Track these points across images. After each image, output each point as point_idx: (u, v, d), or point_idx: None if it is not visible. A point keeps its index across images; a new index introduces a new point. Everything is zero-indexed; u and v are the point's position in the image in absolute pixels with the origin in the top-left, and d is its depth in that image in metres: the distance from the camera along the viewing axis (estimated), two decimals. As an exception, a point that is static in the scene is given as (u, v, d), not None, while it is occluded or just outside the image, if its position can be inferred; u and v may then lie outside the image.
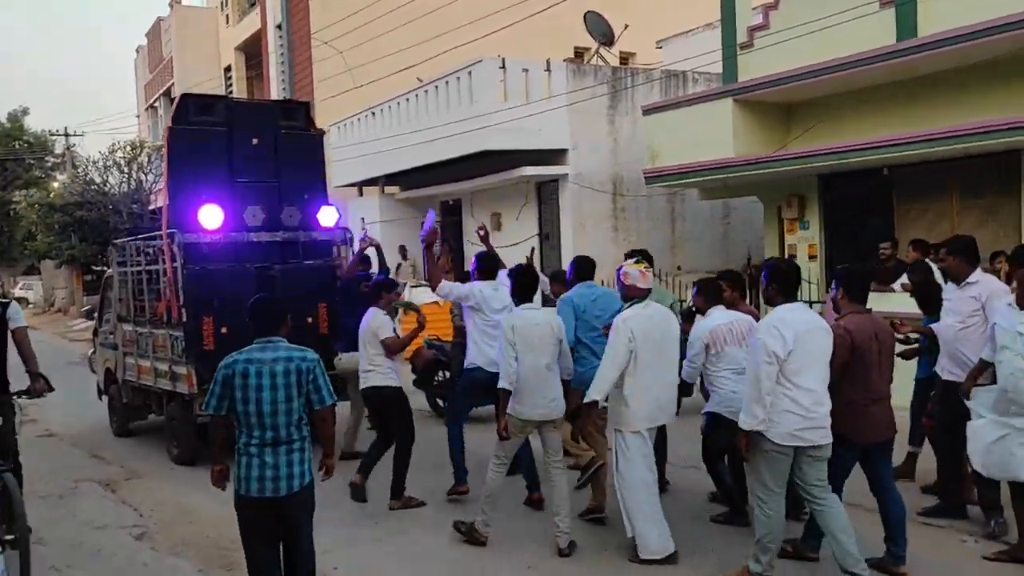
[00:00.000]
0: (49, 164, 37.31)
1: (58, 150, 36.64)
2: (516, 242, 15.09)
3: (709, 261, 14.52)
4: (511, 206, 15.38)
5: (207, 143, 7.92)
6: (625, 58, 20.14)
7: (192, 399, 7.44)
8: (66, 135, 34.62)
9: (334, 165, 19.16)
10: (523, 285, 5.61)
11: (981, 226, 9.76)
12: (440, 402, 9.42)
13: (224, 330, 7.45)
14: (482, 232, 7.48)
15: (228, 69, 28.19)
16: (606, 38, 16.18)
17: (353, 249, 8.40)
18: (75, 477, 7.74)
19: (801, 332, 4.42)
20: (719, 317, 5.53)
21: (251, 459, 3.98)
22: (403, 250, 17.31)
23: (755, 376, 4.44)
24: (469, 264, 7.06)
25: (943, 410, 5.63)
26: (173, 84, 29.36)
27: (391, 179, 18.04)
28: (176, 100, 8.30)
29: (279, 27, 23.00)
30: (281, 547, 4.12)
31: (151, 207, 23.61)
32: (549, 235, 14.94)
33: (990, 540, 5.26)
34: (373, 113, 17.23)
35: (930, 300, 6.10)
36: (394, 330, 6.56)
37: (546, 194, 14.92)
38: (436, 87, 15.00)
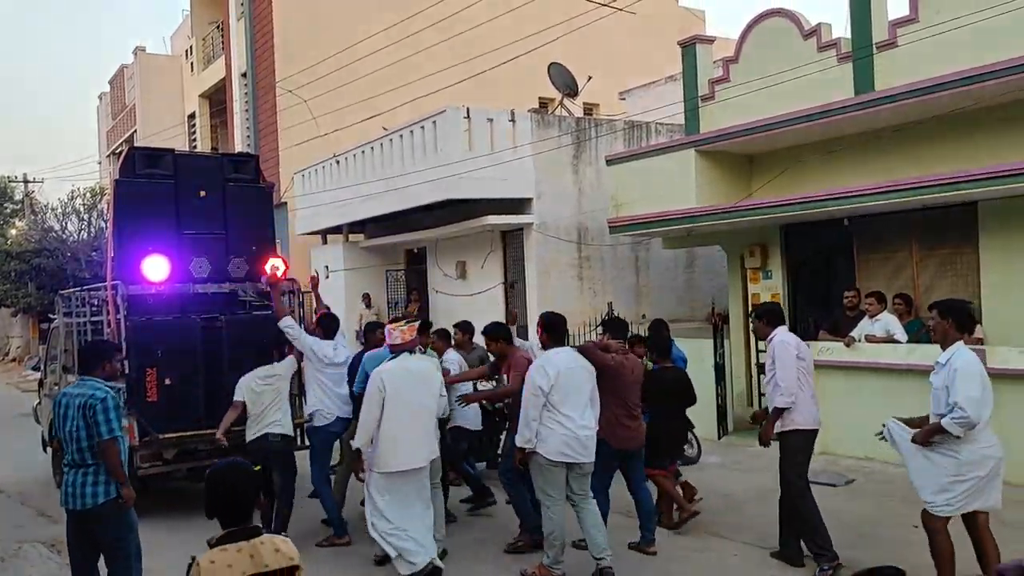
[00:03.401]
0: (8, 211, 36.65)
1: (17, 197, 36.04)
2: (481, 290, 14.96)
3: (674, 309, 14.46)
4: (476, 254, 15.27)
5: (154, 195, 7.88)
6: (589, 109, 20.33)
7: (133, 451, 7.14)
8: (25, 181, 34.09)
9: (298, 213, 19.00)
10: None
11: (940, 276, 9.80)
12: None
13: (168, 382, 7.30)
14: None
15: (192, 116, 28.03)
16: (570, 89, 16.30)
17: (300, 300, 8.32)
18: (19, 538, 7.47)
19: (563, 370, 5.66)
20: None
21: (64, 476, 4.97)
22: (367, 298, 17.10)
23: (525, 405, 5.66)
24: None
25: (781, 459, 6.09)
26: (136, 131, 29.11)
27: (355, 227, 17.88)
28: (123, 153, 8.29)
29: (244, 75, 22.94)
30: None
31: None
32: (515, 283, 14.81)
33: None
34: (338, 161, 17.13)
35: (658, 350, 7.27)
36: None
37: (511, 242, 14.83)
38: (401, 136, 14.96)
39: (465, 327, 8.80)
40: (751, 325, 6.61)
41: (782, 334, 6.08)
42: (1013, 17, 8.26)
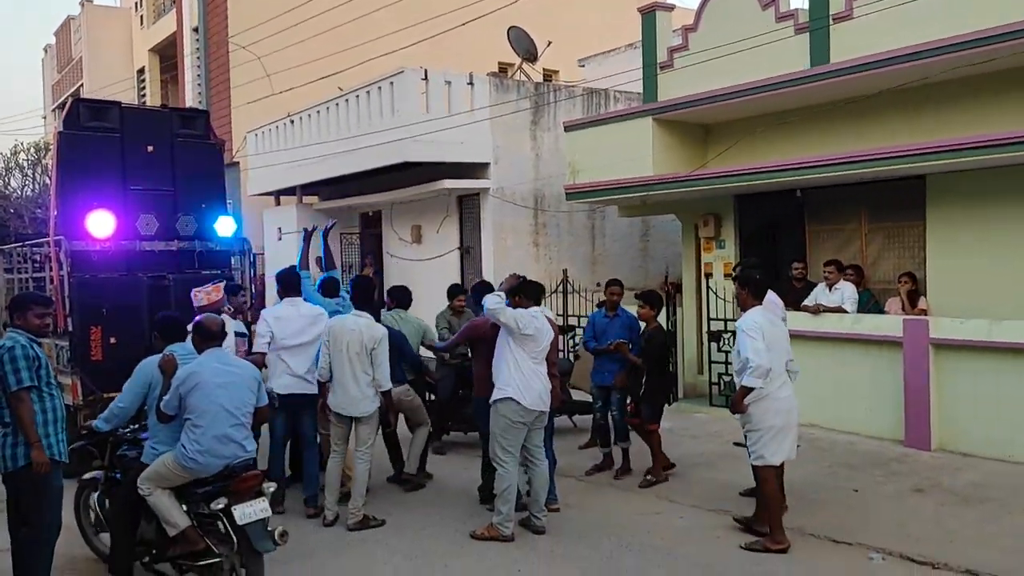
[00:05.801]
0: (-54, 165, 35.31)
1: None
2: (437, 255, 14.89)
3: (629, 277, 14.51)
4: (432, 219, 15.17)
5: (99, 149, 7.67)
6: (548, 75, 20.17)
7: (76, 410, 7.10)
8: (-35, 135, 32.89)
9: (250, 173, 18.62)
10: (360, 294, 6.70)
11: (887, 248, 10.01)
12: None
13: (113, 340, 7.18)
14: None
15: (141, 71, 27.19)
16: (529, 54, 16.15)
17: (251, 260, 8.19)
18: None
19: (538, 327, 6.04)
20: None
21: None
22: (320, 261, 16.84)
23: (503, 313, 5.88)
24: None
25: None
26: (83, 85, 28.16)
27: (309, 188, 17.60)
28: (68, 104, 8.01)
29: (195, 30, 22.30)
30: None
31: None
32: (470, 249, 14.77)
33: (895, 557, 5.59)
34: (292, 121, 16.80)
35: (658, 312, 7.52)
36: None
37: (467, 207, 14.75)
38: (357, 96, 14.70)
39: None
40: (736, 292, 6.46)
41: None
42: (966, -7, 8.37)
